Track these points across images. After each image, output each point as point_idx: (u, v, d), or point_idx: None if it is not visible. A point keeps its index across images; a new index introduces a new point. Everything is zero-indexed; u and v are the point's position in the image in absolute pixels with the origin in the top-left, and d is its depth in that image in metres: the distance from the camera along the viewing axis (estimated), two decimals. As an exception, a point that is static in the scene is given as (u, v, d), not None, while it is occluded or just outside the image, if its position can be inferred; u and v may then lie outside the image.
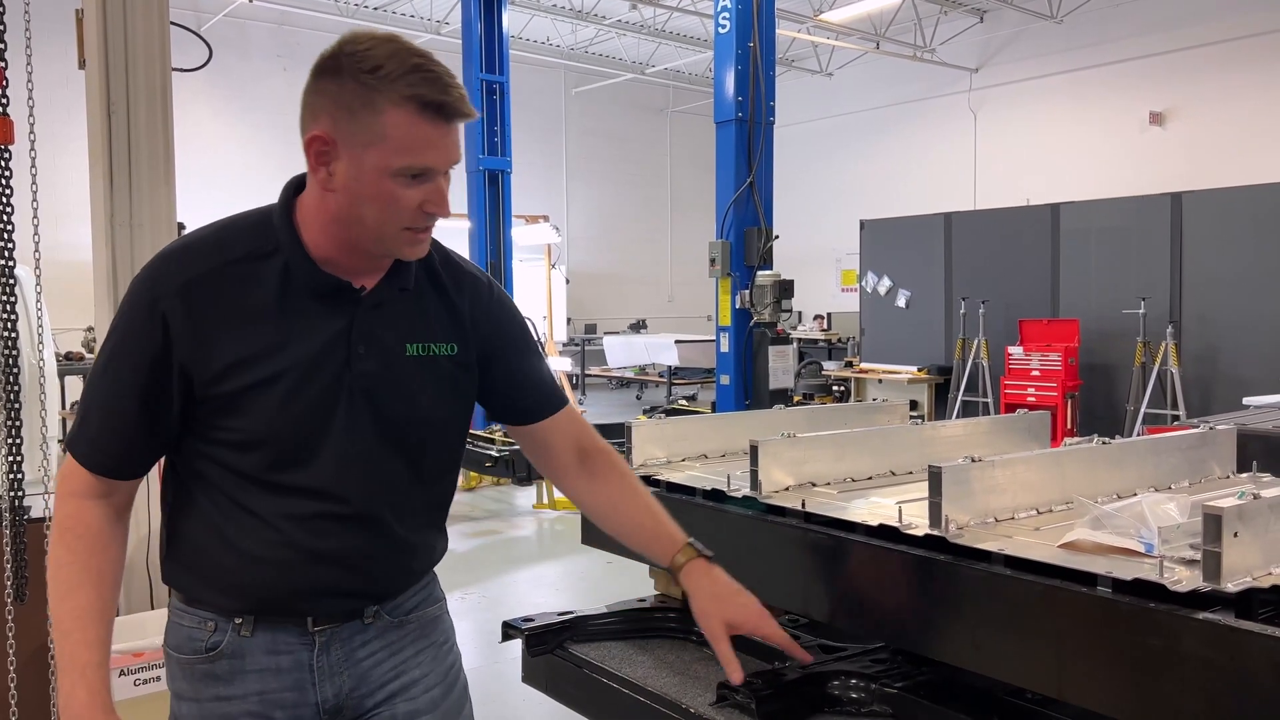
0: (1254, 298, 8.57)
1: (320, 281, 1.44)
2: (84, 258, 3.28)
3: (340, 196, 1.39)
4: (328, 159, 1.38)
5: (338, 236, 1.43)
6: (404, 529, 1.54)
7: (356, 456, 1.47)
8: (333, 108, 1.36)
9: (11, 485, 2.84)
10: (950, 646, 1.58)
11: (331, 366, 1.44)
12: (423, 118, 1.34)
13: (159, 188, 3.10)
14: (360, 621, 1.53)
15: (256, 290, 1.42)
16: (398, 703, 1.56)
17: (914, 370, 10.66)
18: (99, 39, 3.00)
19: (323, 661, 1.51)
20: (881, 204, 14.75)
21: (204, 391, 1.41)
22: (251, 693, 1.47)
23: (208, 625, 1.48)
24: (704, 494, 2.04)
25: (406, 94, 1.33)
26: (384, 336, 1.49)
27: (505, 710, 4.10)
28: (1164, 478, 1.97)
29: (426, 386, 1.52)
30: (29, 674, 3.01)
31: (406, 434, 1.52)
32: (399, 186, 1.36)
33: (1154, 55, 13.93)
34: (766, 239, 7.49)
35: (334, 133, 1.36)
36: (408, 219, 1.39)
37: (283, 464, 1.44)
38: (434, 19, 15.51)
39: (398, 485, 1.52)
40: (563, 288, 16.35)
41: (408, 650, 1.59)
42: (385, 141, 1.34)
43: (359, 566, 1.50)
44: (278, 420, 1.42)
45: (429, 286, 1.56)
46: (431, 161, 1.37)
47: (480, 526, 7.21)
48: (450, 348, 1.55)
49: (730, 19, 7.40)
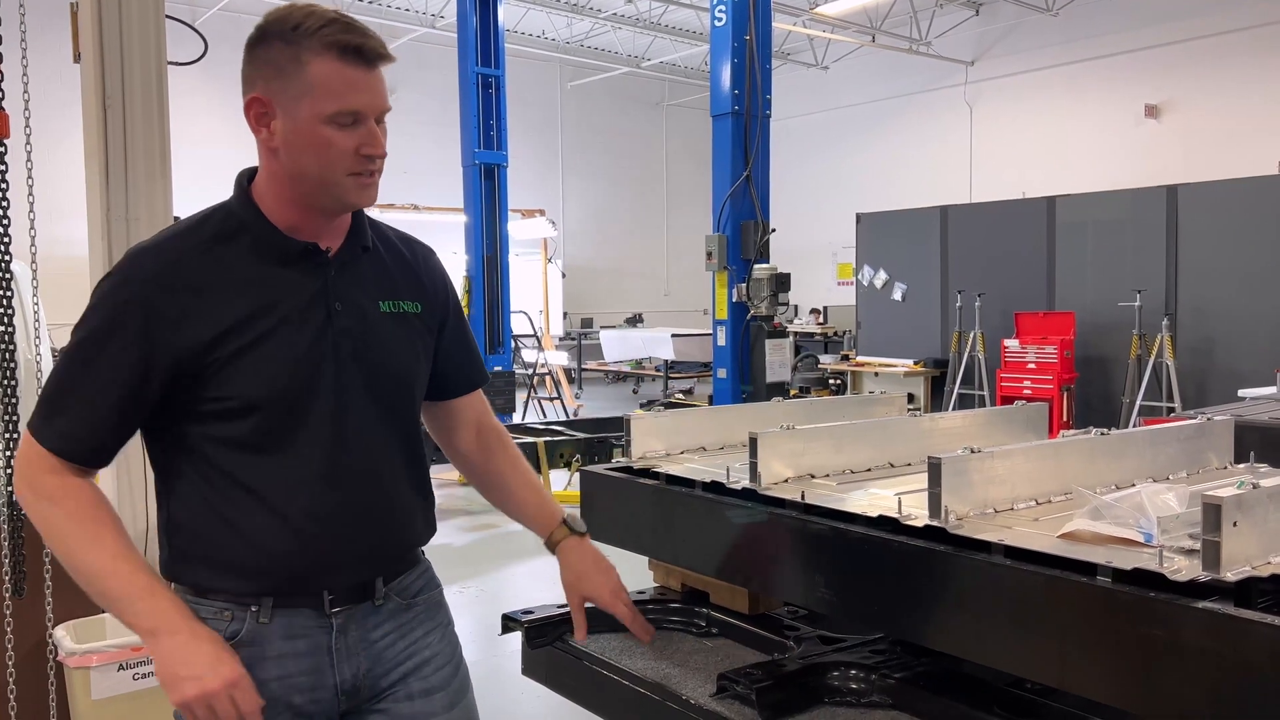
0: (1249, 290, 8.59)
1: (288, 247, 1.51)
2: (80, 253, 3.26)
3: (283, 154, 1.47)
4: (267, 119, 1.46)
5: (292, 198, 1.50)
6: (397, 488, 1.60)
7: (345, 414, 1.52)
8: (264, 71, 1.46)
9: (9, 480, 2.83)
10: (950, 637, 1.58)
11: (313, 325, 1.50)
12: (343, 62, 1.43)
13: (155, 182, 3.09)
14: (372, 603, 1.57)
15: (228, 267, 1.48)
16: (412, 681, 1.61)
17: (910, 363, 10.67)
18: (94, 32, 2.98)
19: (340, 643, 1.54)
20: (878, 197, 14.74)
21: (192, 368, 1.44)
22: (270, 679, 1.49)
23: (225, 614, 1.49)
24: (704, 486, 2.04)
25: (327, 42, 1.42)
26: (357, 295, 1.56)
27: (505, 703, 4.10)
28: (1162, 468, 1.97)
29: (401, 342, 1.60)
30: (27, 668, 3.01)
31: (387, 389, 1.58)
32: (333, 132, 1.44)
33: (1149, 48, 13.95)
34: (763, 232, 7.49)
35: (268, 93, 1.45)
36: (348, 164, 1.46)
37: (276, 428, 1.48)
38: (429, 12, 15.48)
39: (386, 442, 1.58)
40: (559, 282, 16.36)
41: (418, 631, 1.64)
42: (313, 90, 1.43)
43: (362, 529, 1.54)
44: (267, 382, 1.46)
45: (387, 249, 1.65)
46: (358, 104, 1.44)
47: (478, 520, 7.21)
48: (415, 306, 1.64)
49: (726, 12, 7.39)
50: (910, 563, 1.60)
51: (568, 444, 7.50)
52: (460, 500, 7.75)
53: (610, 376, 17.49)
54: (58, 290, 4.45)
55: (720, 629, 2.16)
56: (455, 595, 5.55)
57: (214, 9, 13.31)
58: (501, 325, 9.90)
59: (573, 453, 7.44)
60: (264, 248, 1.50)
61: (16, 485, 1.47)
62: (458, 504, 7.69)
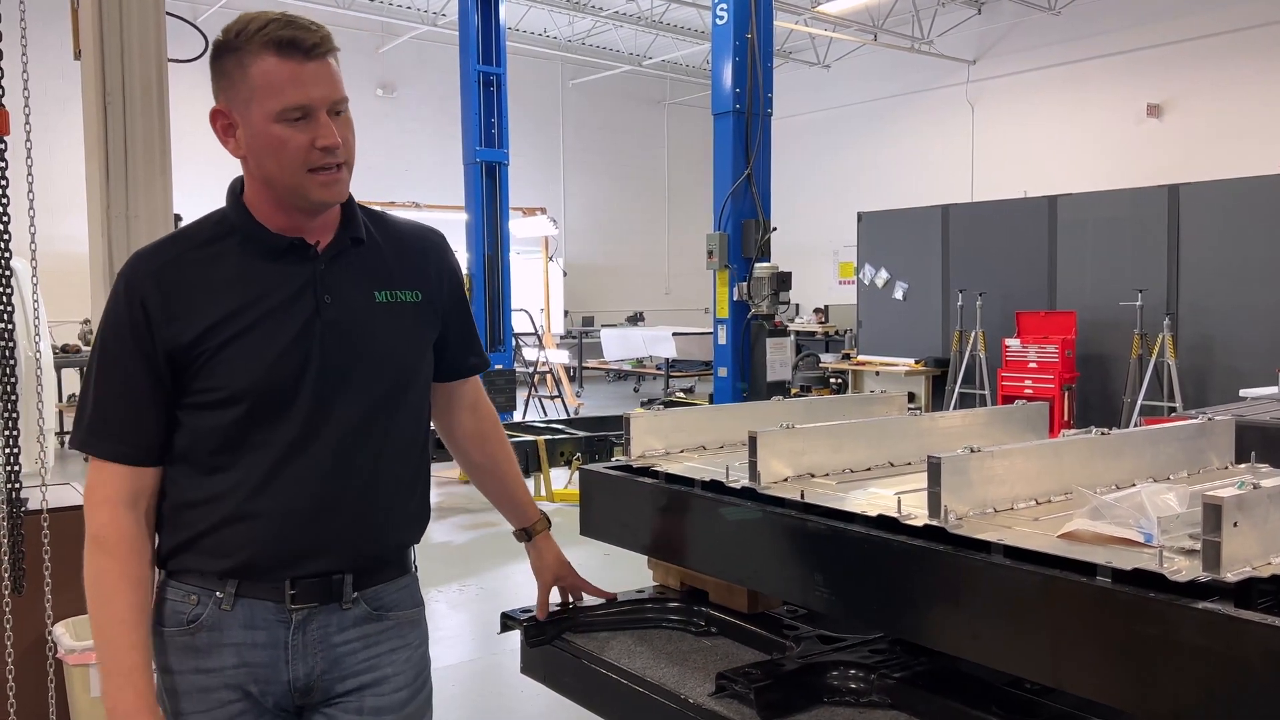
0: (1250, 289, 8.59)
1: (275, 243, 1.54)
2: (80, 249, 3.27)
3: (250, 159, 1.51)
4: (232, 129, 1.50)
5: (271, 199, 1.53)
6: (378, 482, 1.59)
7: (329, 405, 1.53)
8: (220, 82, 1.49)
9: (8, 478, 2.83)
10: (949, 637, 1.58)
11: (301, 316, 1.52)
12: (280, 57, 1.44)
13: (155, 179, 3.09)
14: (339, 605, 1.57)
15: (221, 265, 1.53)
16: (366, 695, 1.61)
17: (911, 362, 10.66)
18: (94, 29, 2.98)
19: (297, 640, 1.55)
20: (879, 196, 14.73)
21: (184, 359, 1.49)
22: (229, 665, 1.52)
23: (190, 599, 1.53)
24: (703, 485, 2.04)
25: (264, 41, 1.44)
26: (349, 286, 1.57)
27: (504, 701, 4.10)
28: (1163, 468, 1.97)
29: (396, 333, 1.61)
30: (27, 665, 3.01)
31: (379, 380, 1.58)
32: (284, 130, 1.45)
33: (1151, 47, 13.93)
34: (764, 231, 7.49)
35: (226, 104, 1.49)
36: (306, 159, 1.48)
37: (261, 417, 1.50)
38: (431, 10, 15.46)
39: (371, 435, 1.58)
40: (560, 280, 16.36)
41: (384, 646, 1.63)
42: (258, 91, 1.45)
43: (330, 521, 1.55)
44: (255, 371, 1.49)
45: (387, 240, 1.65)
46: (301, 98, 1.45)
47: (478, 519, 7.21)
48: (415, 295, 1.64)
49: (728, 10, 7.39)
50: (910, 562, 1.60)
51: (568, 442, 7.51)
52: (460, 498, 7.75)
53: (611, 375, 17.49)
54: (58, 287, 4.45)
55: (719, 628, 2.16)
56: (455, 593, 5.55)
57: (215, 7, 13.30)
58: (502, 323, 9.90)
59: (573, 451, 7.44)
60: (252, 245, 1.54)
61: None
62: (457, 502, 7.69)
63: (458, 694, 4.17)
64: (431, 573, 5.53)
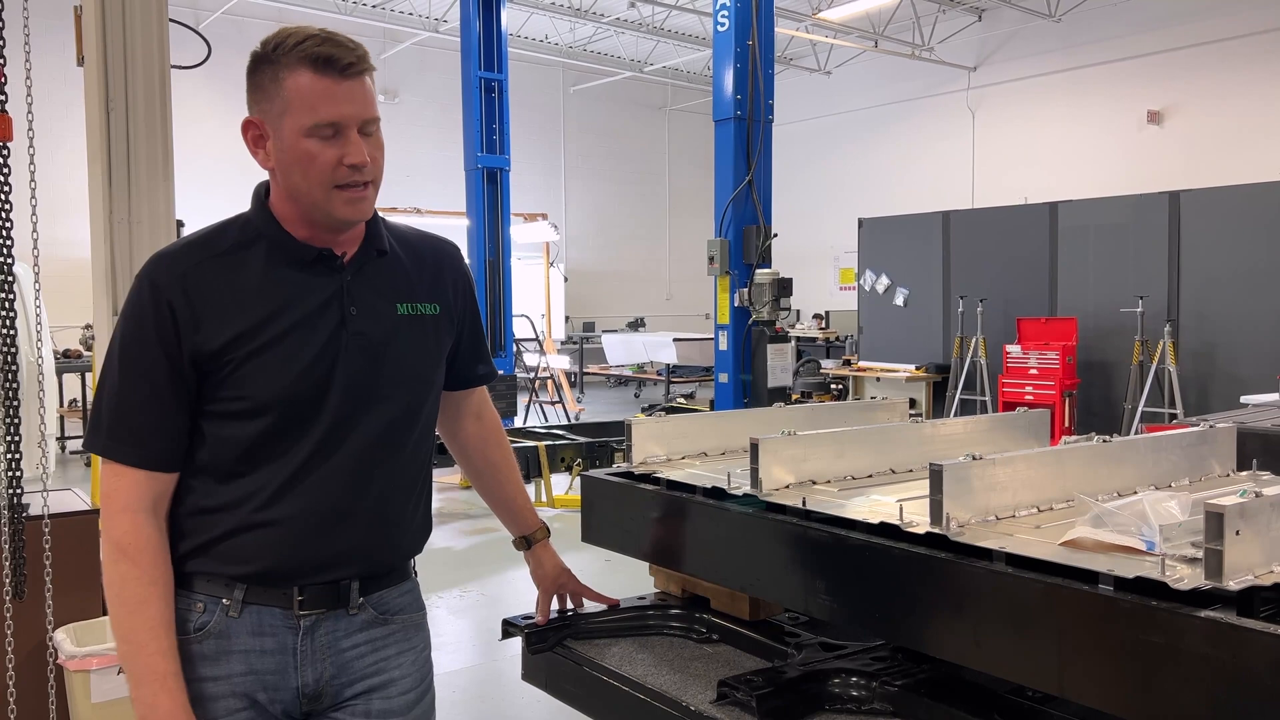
0: (1251, 296, 8.58)
1: (302, 253, 1.54)
2: (82, 255, 3.27)
3: (279, 171, 1.51)
4: (263, 141, 1.50)
5: (296, 212, 1.53)
6: (391, 493, 1.60)
7: (351, 417, 1.54)
8: (254, 94, 1.50)
9: (10, 483, 2.83)
10: (951, 644, 1.58)
11: (327, 327, 1.52)
12: (315, 73, 1.44)
13: (158, 185, 3.09)
14: (346, 610, 1.57)
15: (246, 272, 1.52)
16: (374, 699, 1.61)
17: (912, 369, 10.66)
18: (97, 35, 2.99)
19: (306, 645, 1.55)
20: (880, 202, 14.75)
21: (209, 367, 1.48)
22: (236, 673, 1.51)
23: (197, 606, 1.52)
24: (704, 492, 2.04)
25: (300, 56, 1.44)
26: (374, 298, 1.58)
27: (504, 708, 4.10)
28: (1164, 476, 1.97)
29: (417, 345, 1.62)
30: (27, 670, 3.01)
31: (401, 392, 1.59)
32: (315, 145, 1.46)
33: (1152, 54, 13.94)
34: (765, 237, 7.49)
35: (259, 115, 1.49)
36: (333, 175, 1.47)
37: (286, 428, 1.50)
38: (432, 16, 15.50)
39: (389, 448, 1.59)
40: (561, 286, 16.37)
41: (390, 649, 1.64)
42: (291, 105, 1.45)
43: (343, 531, 1.55)
44: (282, 382, 1.49)
45: (406, 251, 1.66)
46: (334, 115, 1.46)
47: (479, 524, 7.21)
48: (434, 307, 1.66)
49: (729, 17, 7.40)
50: (911, 569, 1.60)
51: (569, 448, 7.51)
52: (461, 504, 7.75)
53: (612, 380, 17.49)
54: (60, 292, 4.46)
55: (721, 635, 2.15)
56: (455, 599, 5.55)
57: (217, 13, 13.34)
58: (503, 329, 9.91)
59: (574, 457, 7.44)
60: (279, 254, 1.53)
61: (101, 521, 1.52)
62: (459, 507, 7.69)
63: (459, 700, 4.16)
64: (432, 578, 5.53)
